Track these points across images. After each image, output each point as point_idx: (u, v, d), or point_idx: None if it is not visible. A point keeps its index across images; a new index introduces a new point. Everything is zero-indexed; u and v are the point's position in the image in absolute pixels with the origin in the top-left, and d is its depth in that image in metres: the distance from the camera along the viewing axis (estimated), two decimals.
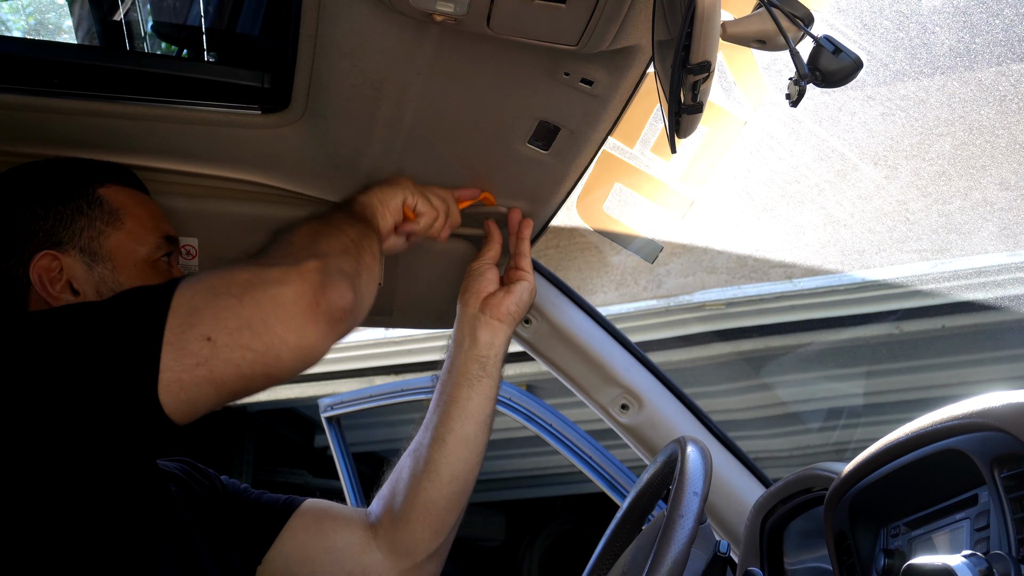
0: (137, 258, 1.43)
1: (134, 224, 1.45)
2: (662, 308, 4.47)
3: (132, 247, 1.43)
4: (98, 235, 1.42)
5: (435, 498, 1.62)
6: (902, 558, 1.28)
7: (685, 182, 2.10)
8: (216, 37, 1.71)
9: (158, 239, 1.47)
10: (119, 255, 1.42)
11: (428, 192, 1.64)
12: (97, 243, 1.42)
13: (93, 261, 1.41)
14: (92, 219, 1.42)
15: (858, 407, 4.80)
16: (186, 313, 1.15)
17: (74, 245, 1.40)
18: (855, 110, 3.79)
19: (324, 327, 1.20)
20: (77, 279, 1.39)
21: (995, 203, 3.89)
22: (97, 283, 1.40)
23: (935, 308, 4.24)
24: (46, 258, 1.38)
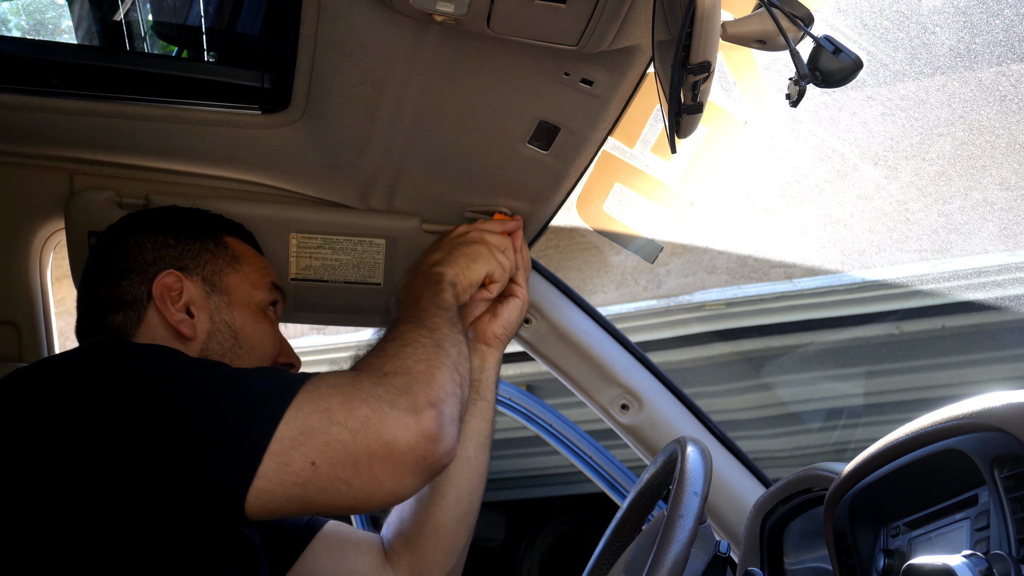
0: (251, 300, 1.50)
1: (251, 270, 1.53)
2: (662, 308, 4.47)
3: (248, 289, 1.50)
4: (219, 271, 1.49)
5: (443, 521, 1.64)
6: (902, 558, 1.28)
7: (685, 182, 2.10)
8: (216, 37, 1.71)
9: (269, 285, 1.54)
10: (236, 293, 1.49)
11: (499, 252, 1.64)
12: (218, 277, 1.48)
13: (212, 291, 1.47)
14: (216, 256, 1.50)
15: (858, 407, 4.80)
16: (300, 430, 1.15)
17: (198, 273, 1.47)
18: (855, 110, 3.79)
19: (423, 479, 1.21)
20: (195, 303, 1.44)
21: (995, 203, 3.89)
22: (212, 311, 1.45)
23: (935, 308, 4.25)
24: (171, 276, 1.44)
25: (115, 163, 1.67)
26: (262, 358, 1.48)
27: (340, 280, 1.79)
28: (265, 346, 1.48)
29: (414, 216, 1.76)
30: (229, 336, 1.45)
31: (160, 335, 1.42)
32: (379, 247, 1.78)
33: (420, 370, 1.27)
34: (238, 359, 1.45)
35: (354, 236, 1.75)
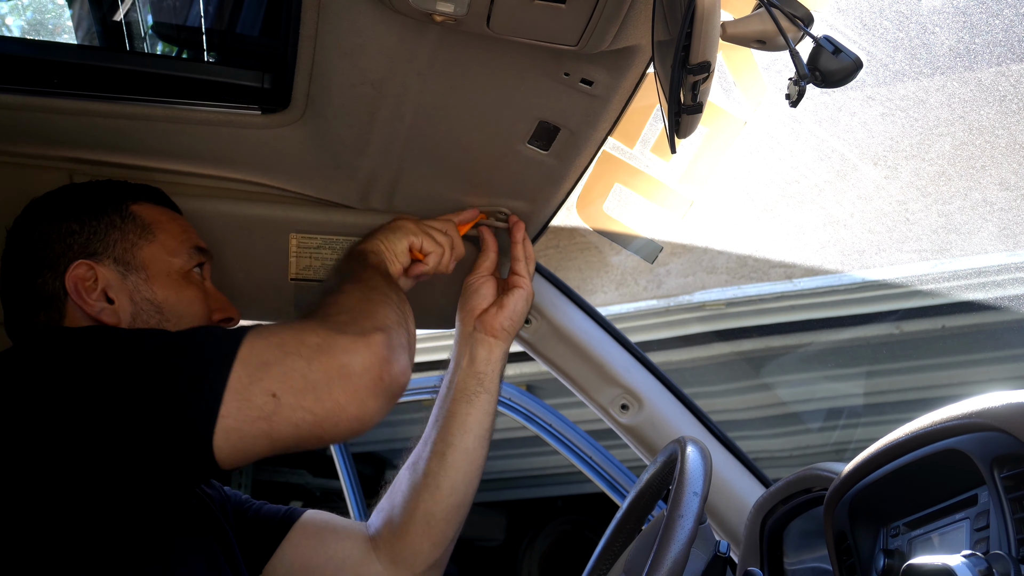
0: (171, 269, 1.46)
1: (166, 237, 1.48)
2: (662, 308, 4.47)
3: (165, 258, 1.46)
4: (131, 247, 1.45)
5: (434, 511, 1.64)
6: (902, 558, 1.28)
7: (685, 182, 2.10)
8: (216, 37, 1.71)
9: (189, 249, 1.49)
10: (152, 265, 1.45)
11: (430, 228, 1.66)
12: (131, 254, 1.45)
13: (127, 271, 1.43)
14: (125, 232, 1.46)
15: (858, 407, 4.80)
16: (255, 365, 1.17)
17: (108, 255, 1.43)
18: (855, 110, 3.79)
19: (383, 401, 1.23)
20: (112, 287, 1.42)
21: (995, 203, 3.89)
22: (131, 292, 1.43)
23: (935, 308, 4.24)
24: (81, 267, 1.41)
25: (115, 163, 1.66)
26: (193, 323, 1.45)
27: None
28: (194, 312, 1.46)
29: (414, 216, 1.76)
30: (153, 312, 1.43)
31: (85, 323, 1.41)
32: None
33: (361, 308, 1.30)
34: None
35: (354, 236, 1.75)
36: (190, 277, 1.48)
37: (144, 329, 1.32)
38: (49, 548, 1.17)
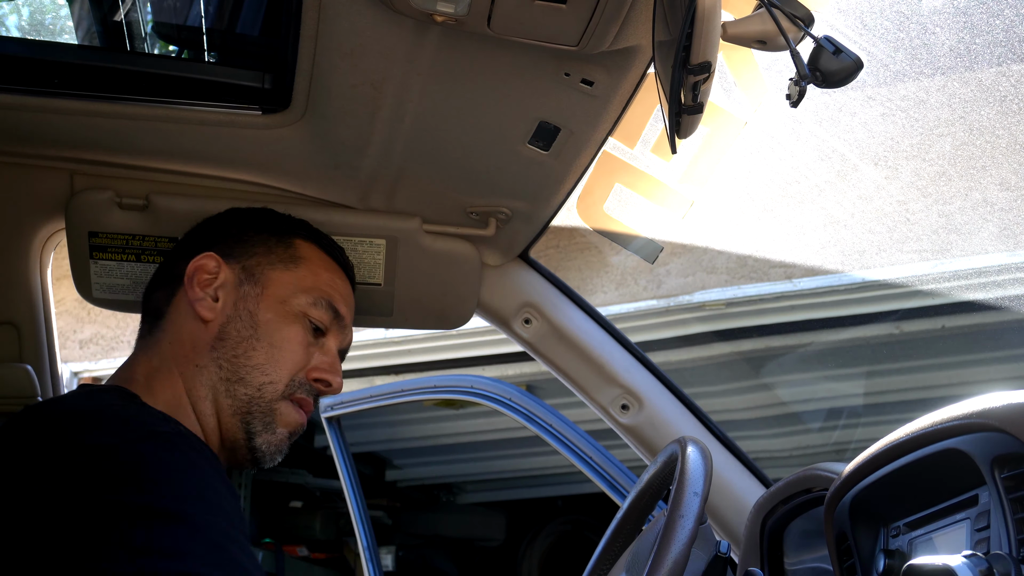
0: (288, 299, 1.46)
1: (307, 275, 1.49)
2: (662, 308, 4.47)
3: (291, 290, 1.47)
4: (266, 264, 1.48)
5: None
6: (902, 558, 1.28)
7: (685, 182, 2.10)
8: (216, 37, 1.71)
9: (322, 300, 1.49)
10: (273, 288, 1.46)
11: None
12: (260, 269, 1.47)
13: (246, 279, 1.46)
14: (271, 251, 1.49)
15: (858, 407, 4.81)
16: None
17: (239, 261, 1.47)
18: (855, 110, 3.79)
19: None
20: (225, 288, 1.45)
21: (995, 203, 3.89)
22: (238, 299, 1.45)
23: (935, 308, 4.25)
24: (209, 259, 1.45)
25: (115, 163, 1.66)
26: (282, 361, 1.44)
27: None
28: (287, 350, 1.44)
29: (414, 216, 1.76)
30: (248, 325, 1.44)
31: (183, 311, 1.45)
32: (379, 247, 1.78)
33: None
34: (253, 350, 1.43)
35: (354, 236, 1.75)
36: (303, 321, 1.47)
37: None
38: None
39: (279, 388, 1.44)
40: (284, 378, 1.45)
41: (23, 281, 1.73)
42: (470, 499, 6.63)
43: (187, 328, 1.44)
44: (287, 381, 1.45)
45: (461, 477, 6.30)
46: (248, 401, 1.42)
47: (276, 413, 1.45)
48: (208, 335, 1.43)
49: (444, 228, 1.79)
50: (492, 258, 1.90)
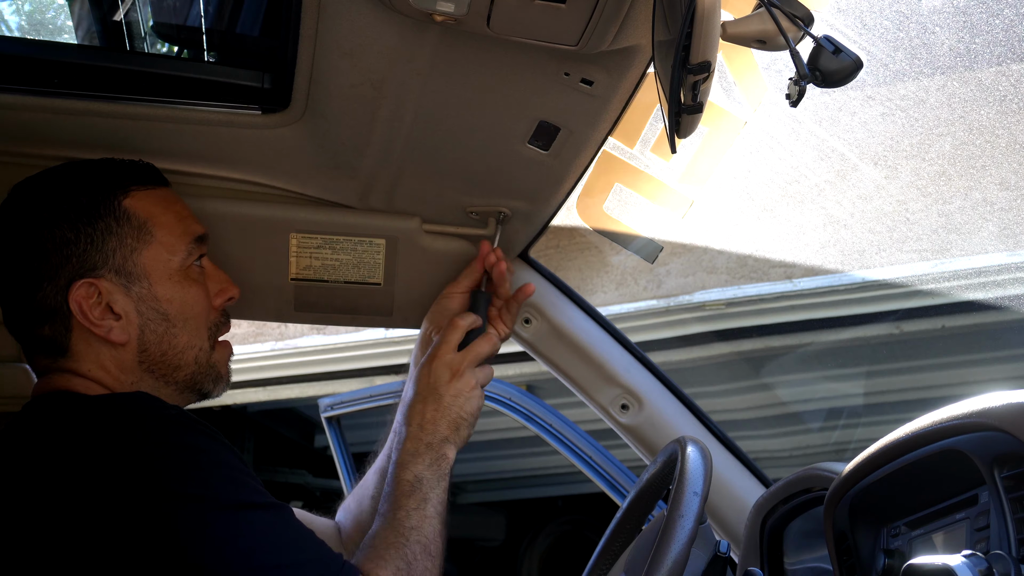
0: (171, 269, 1.45)
1: (164, 234, 1.45)
2: (662, 308, 4.47)
3: (165, 258, 1.44)
4: (131, 253, 1.42)
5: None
6: (902, 558, 1.28)
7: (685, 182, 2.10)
8: (216, 37, 1.71)
9: (188, 244, 1.47)
10: (154, 271, 1.43)
11: (481, 373, 1.62)
12: (131, 262, 1.42)
13: (130, 282, 1.41)
14: (123, 237, 1.42)
15: (858, 407, 4.80)
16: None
17: (109, 268, 1.41)
18: (855, 110, 3.79)
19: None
20: (117, 302, 1.40)
21: (995, 203, 3.89)
22: (136, 303, 1.42)
23: (935, 308, 4.25)
24: (83, 287, 1.39)
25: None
26: (198, 324, 1.46)
27: (340, 280, 1.79)
28: (198, 311, 1.46)
29: (414, 216, 1.76)
30: (160, 321, 1.42)
31: (95, 345, 1.40)
32: (379, 247, 1.78)
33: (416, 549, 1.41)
34: (174, 338, 1.43)
35: (354, 236, 1.75)
36: (190, 273, 1.46)
37: (252, 524, 1.27)
38: None
39: (207, 345, 1.47)
40: (205, 335, 1.47)
41: None
42: (470, 499, 6.63)
43: (104, 356, 1.41)
44: (208, 334, 1.48)
45: (461, 477, 6.30)
46: (191, 376, 1.46)
47: (215, 365, 1.49)
48: (130, 354, 1.41)
49: (444, 228, 1.79)
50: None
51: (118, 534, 1.18)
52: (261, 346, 4.94)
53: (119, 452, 1.22)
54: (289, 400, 5.41)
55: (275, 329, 5.02)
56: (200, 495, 1.21)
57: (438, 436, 1.55)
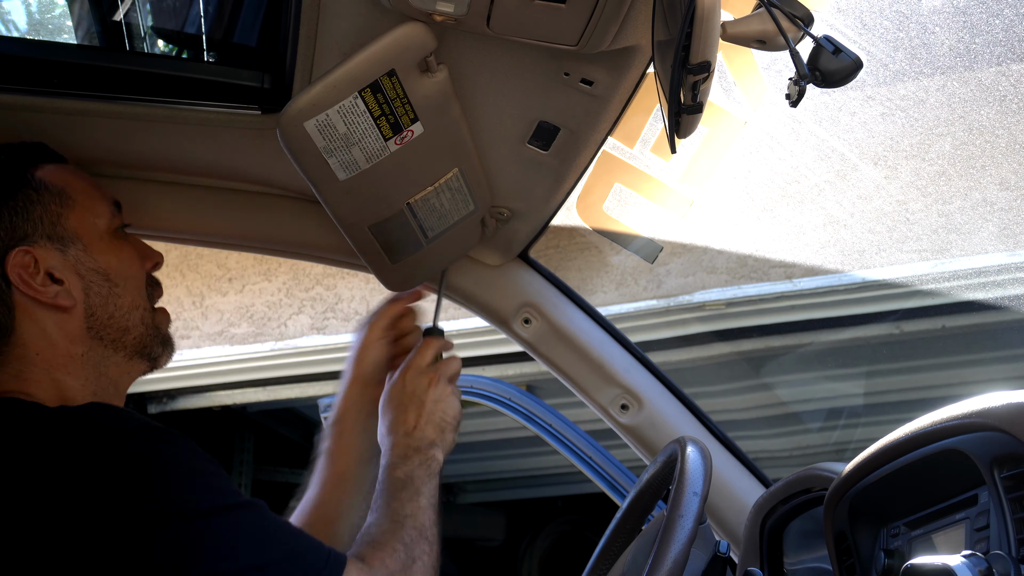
0: (100, 230, 1.45)
1: (83, 198, 1.45)
2: (662, 308, 4.47)
3: (91, 221, 1.44)
4: (57, 218, 1.41)
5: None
6: (902, 558, 1.28)
7: (685, 182, 2.10)
8: (215, 37, 1.71)
9: (109, 206, 1.48)
10: (84, 232, 1.43)
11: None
12: (60, 226, 1.41)
13: (64, 245, 1.41)
14: (46, 204, 1.41)
15: (858, 407, 4.80)
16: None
17: (40, 234, 1.39)
18: (855, 110, 3.79)
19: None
20: (55, 268, 1.39)
21: (995, 203, 3.89)
22: (75, 265, 1.41)
23: (935, 308, 4.24)
24: (18, 255, 1.37)
25: (115, 163, 1.66)
26: (137, 284, 1.46)
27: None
28: (134, 270, 1.46)
29: None
30: (102, 282, 1.42)
31: (40, 318, 1.38)
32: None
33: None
34: (119, 298, 1.42)
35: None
36: (118, 234, 1.47)
37: (245, 514, 1.29)
38: None
39: (148, 306, 1.47)
40: (144, 295, 1.47)
41: None
42: (470, 499, 6.62)
43: (51, 327, 1.38)
44: (146, 294, 1.48)
45: (461, 477, 6.30)
46: (139, 339, 1.45)
47: (159, 326, 1.49)
48: (77, 320, 1.39)
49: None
50: (492, 258, 1.90)
51: (99, 562, 1.17)
52: (261, 346, 4.94)
53: (87, 476, 1.19)
54: (289, 400, 5.41)
55: (275, 329, 5.02)
56: (177, 510, 1.20)
57: (425, 440, 1.56)
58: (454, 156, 1.53)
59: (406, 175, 1.49)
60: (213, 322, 4.79)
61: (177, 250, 4.62)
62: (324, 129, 1.37)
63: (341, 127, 1.37)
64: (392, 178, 1.48)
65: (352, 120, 1.37)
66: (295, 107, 1.35)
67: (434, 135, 1.46)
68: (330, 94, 1.35)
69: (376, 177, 1.46)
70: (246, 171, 1.69)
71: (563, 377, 2.00)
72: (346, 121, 1.37)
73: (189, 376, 4.94)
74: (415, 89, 1.38)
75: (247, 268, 4.78)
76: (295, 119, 1.36)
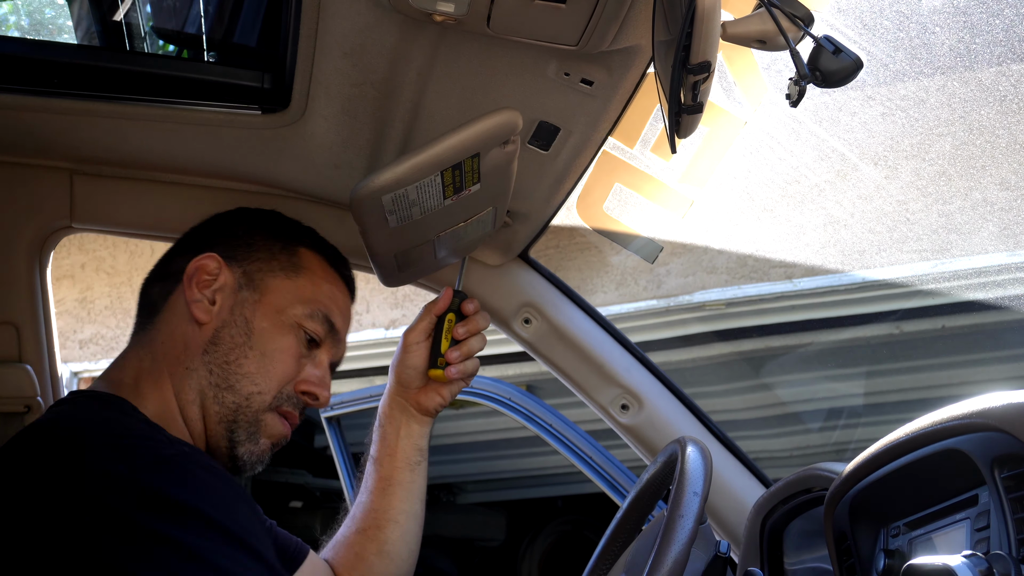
0: (285, 309, 1.44)
1: (307, 285, 1.47)
2: (662, 308, 4.47)
3: (289, 299, 1.45)
4: (267, 270, 1.45)
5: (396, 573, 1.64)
6: (902, 558, 1.28)
7: (685, 182, 2.10)
8: (216, 37, 1.71)
9: (319, 313, 1.47)
10: (271, 295, 1.44)
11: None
12: (260, 275, 1.45)
13: (246, 285, 1.44)
14: (273, 257, 1.46)
15: (858, 407, 4.81)
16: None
17: (240, 266, 1.44)
18: (855, 110, 3.79)
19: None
20: (223, 291, 1.42)
21: (995, 203, 3.89)
22: (235, 304, 1.43)
23: (935, 308, 4.25)
24: (211, 259, 1.43)
25: (115, 163, 1.67)
26: (272, 371, 1.43)
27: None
28: (278, 361, 1.43)
29: None
30: (243, 331, 1.42)
31: (178, 312, 1.43)
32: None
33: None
34: (245, 358, 1.41)
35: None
36: (297, 332, 1.45)
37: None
38: None
39: (267, 399, 1.42)
40: (273, 389, 1.43)
41: (23, 281, 1.73)
42: (470, 499, 6.63)
43: (181, 328, 1.42)
44: (275, 392, 1.43)
45: (461, 477, 6.30)
46: (235, 409, 1.41)
47: (261, 424, 1.43)
48: (201, 338, 1.41)
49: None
50: (492, 258, 1.90)
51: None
52: None
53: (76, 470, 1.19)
54: None
55: None
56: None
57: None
58: (495, 199, 1.54)
59: (447, 218, 1.50)
60: None
61: None
62: (398, 199, 1.38)
63: (412, 196, 1.38)
64: (435, 221, 1.49)
65: (424, 191, 1.39)
66: (377, 183, 1.34)
67: (488, 189, 1.47)
68: (414, 174, 1.35)
69: (422, 223, 1.47)
70: (246, 171, 1.69)
71: (563, 377, 2.00)
72: (419, 192, 1.38)
73: None
74: (488, 161, 1.40)
75: None
76: (375, 193, 1.35)
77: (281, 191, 1.73)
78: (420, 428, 1.64)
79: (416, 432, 1.64)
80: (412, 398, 1.63)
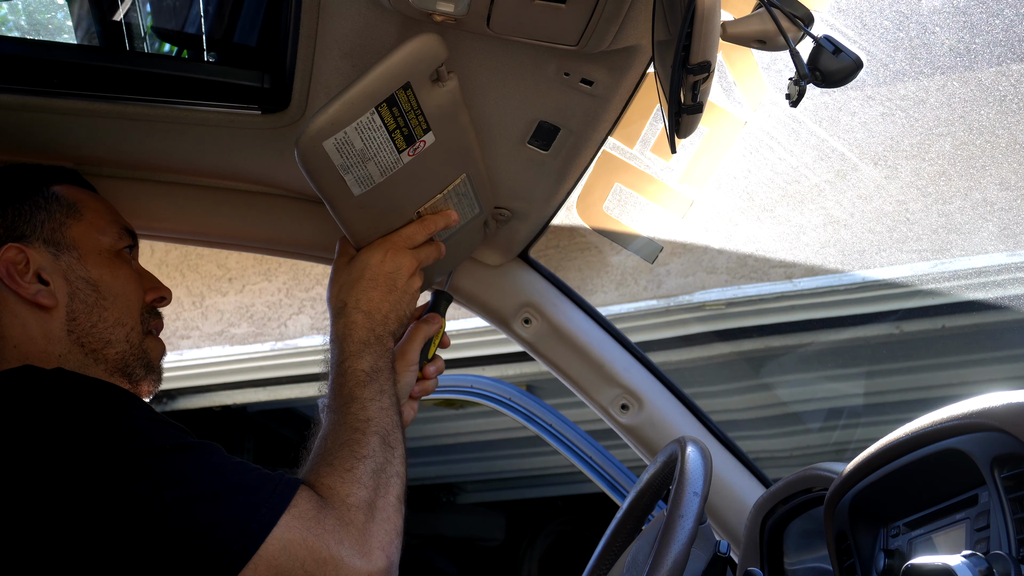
0: (101, 247, 1.47)
1: (93, 215, 1.49)
2: (662, 308, 4.47)
3: (95, 236, 1.47)
4: (59, 226, 1.45)
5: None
6: (902, 558, 1.28)
7: (685, 182, 2.10)
8: (216, 37, 1.71)
9: (119, 229, 1.50)
10: (83, 244, 1.46)
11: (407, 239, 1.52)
12: (60, 233, 1.45)
13: (58, 250, 1.44)
14: (51, 212, 1.46)
15: (858, 407, 4.80)
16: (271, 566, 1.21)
17: (37, 237, 1.44)
18: (855, 110, 3.79)
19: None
20: (44, 269, 1.42)
21: (995, 203, 3.89)
22: (65, 271, 1.43)
23: (935, 308, 4.24)
24: (11, 250, 1.41)
25: (115, 163, 1.66)
26: (129, 304, 1.47)
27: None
28: (129, 292, 1.47)
29: None
30: (90, 291, 1.43)
31: (21, 313, 1.40)
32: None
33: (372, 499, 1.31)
34: (104, 311, 1.43)
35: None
36: (121, 256, 1.49)
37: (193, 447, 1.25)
38: None
39: (139, 329, 1.47)
40: (137, 318, 1.47)
41: None
42: (470, 499, 6.63)
43: (31, 324, 1.40)
44: (140, 318, 1.47)
45: (461, 477, 6.30)
46: (121, 355, 1.44)
47: (147, 352, 1.48)
48: (58, 321, 1.41)
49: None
50: (492, 258, 1.90)
51: (61, 493, 1.17)
52: (261, 346, 4.94)
53: (41, 423, 1.21)
54: (289, 400, 5.41)
55: (275, 329, 5.02)
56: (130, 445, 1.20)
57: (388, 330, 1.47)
58: (463, 162, 1.53)
59: (417, 185, 1.48)
60: (213, 322, 4.79)
61: (177, 250, 4.63)
62: (342, 147, 1.36)
63: (358, 143, 1.37)
64: (404, 189, 1.47)
65: (369, 136, 1.37)
66: (314, 127, 1.33)
67: (444, 143, 1.45)
68: (348, 111, 1.33)
69: (389, 190, 1.45)
70: (246, 171, 1.69)
71: (563, 377, 2.00)
72: (363, 137, 1.36)
73: (189, 376, 4.94)
74: (428, 100, 1.38)
75: (247, 268, 4.78)
76: (314, 139, 1.34)
77: (281, 191, 1.73)
78: (411, 413, 1.61)
79: (407, 417, 1.60)
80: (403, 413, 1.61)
